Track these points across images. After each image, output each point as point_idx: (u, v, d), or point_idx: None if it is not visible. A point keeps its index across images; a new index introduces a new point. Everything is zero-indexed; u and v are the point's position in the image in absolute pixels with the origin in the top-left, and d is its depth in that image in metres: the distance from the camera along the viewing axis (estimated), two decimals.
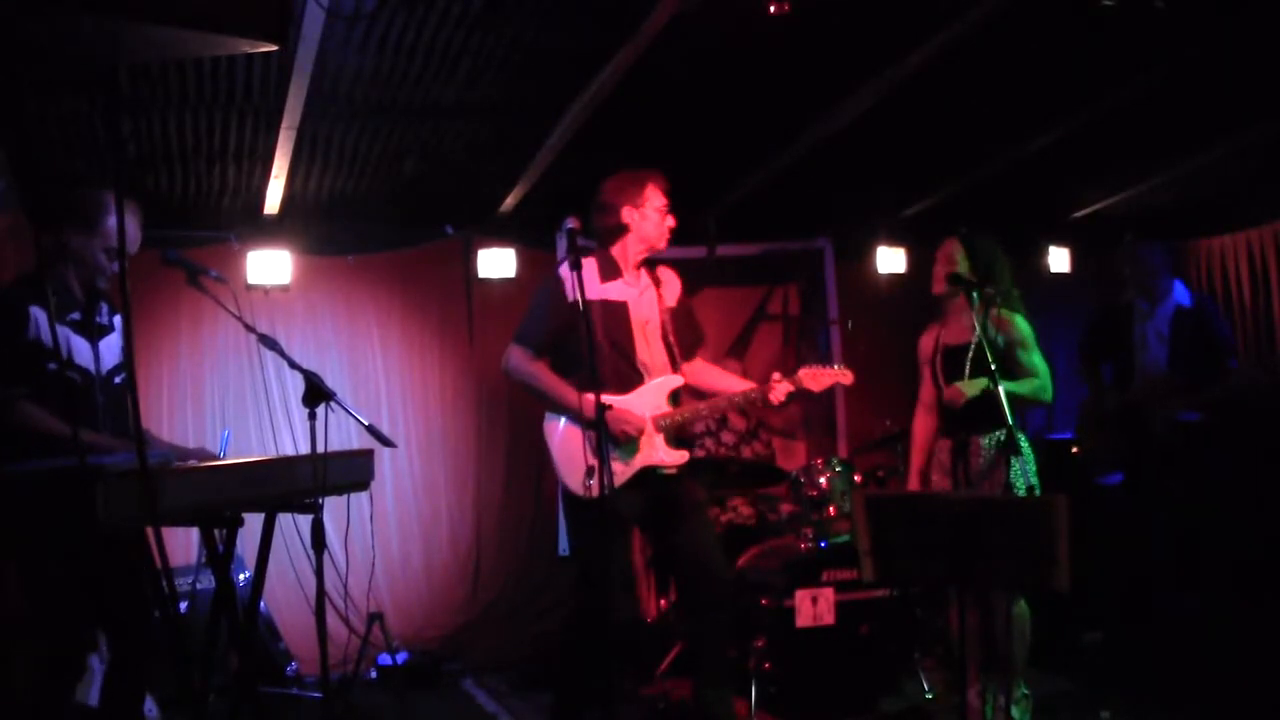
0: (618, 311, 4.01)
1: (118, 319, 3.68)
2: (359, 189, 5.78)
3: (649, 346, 4.05)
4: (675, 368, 4.10)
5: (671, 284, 4.21)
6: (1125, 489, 5.07)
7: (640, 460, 3.96)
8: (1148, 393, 4.95)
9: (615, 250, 4.07)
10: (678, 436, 4.08)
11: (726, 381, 4.23)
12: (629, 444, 3.93)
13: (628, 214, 4.02)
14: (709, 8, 3.97)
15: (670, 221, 4.08)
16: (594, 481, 3.84)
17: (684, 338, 4.15)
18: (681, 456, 4.04)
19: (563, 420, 4.00)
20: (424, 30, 4.03)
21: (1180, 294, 5.02)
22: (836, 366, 4.17)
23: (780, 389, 4.05)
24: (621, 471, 3.90)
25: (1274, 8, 4.21)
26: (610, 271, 4.05)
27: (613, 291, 4.02)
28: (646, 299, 4.11)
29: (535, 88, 4.68)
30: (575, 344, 3.92)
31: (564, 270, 4.02)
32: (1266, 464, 5.23)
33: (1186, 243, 7.19)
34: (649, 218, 4.04)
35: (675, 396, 4.08)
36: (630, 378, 3.99)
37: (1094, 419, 5.24)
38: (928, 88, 4.79)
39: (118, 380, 3.58)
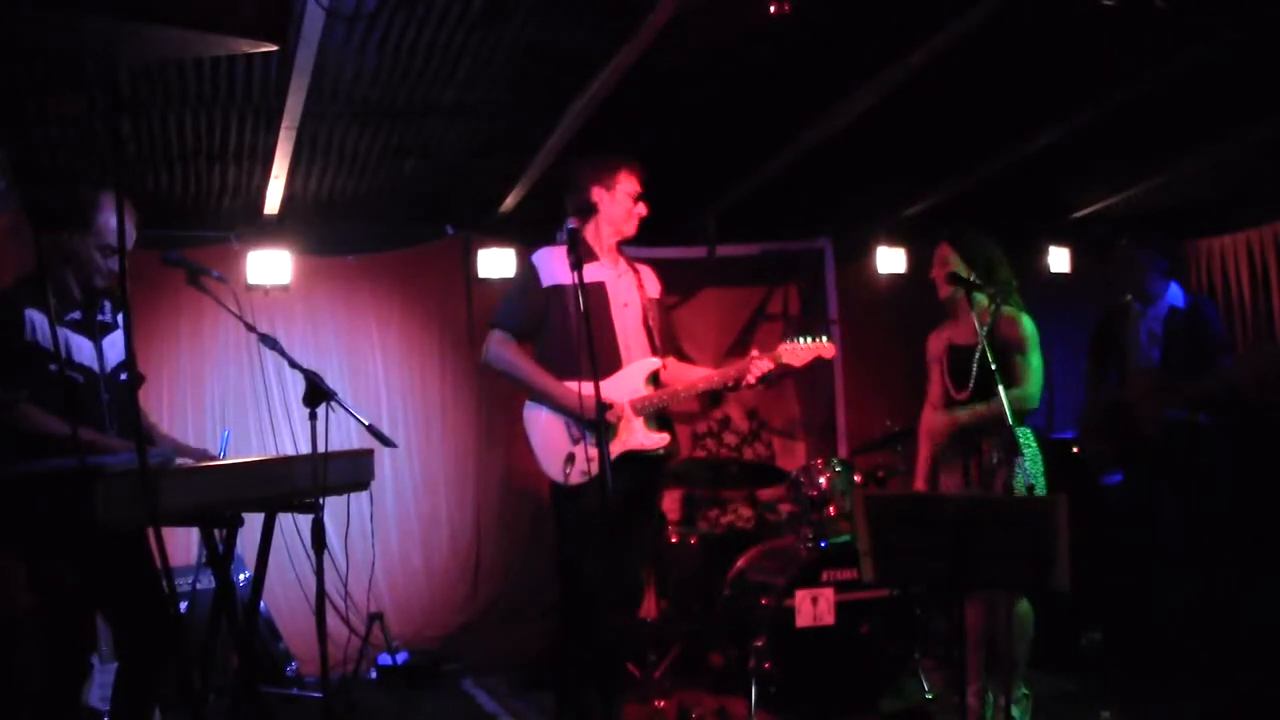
0: (596, 292, 3.91)
1: (121, 316, 3.67)
2: (359, 189, 5.78)
3: (627, 329, 4.01)
4: (654, 352, 4.05)
5: (652, 279, 4.18)
6: (1124, 488, 5.09)
7: (620, 445, 3.89)
8: (1137, 391, 4.98)
9: (588, 232, 4.04)
10: (659, 419, 4.03)
11: (701, 373, 4.18)
12: (607, 430, 3.85)
13: (597, 194, 4.00)
14: (709, 8, 3.97)
15: (641, 209, 4.04)
16: (573, 468, 3.83)
17: (663, 331, 4.10)
18: (663, 439, 3.99)
19: (545, 409, 3.96)
20: (424, 30, 4.03)
21: (1174, 295, 5.05)
22: (818, 340, 4.06)
23: (759, 365, 4.01)
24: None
25: (1274, 7, 4.21)
26: (586, 254, 3.96)
27: (589, 273, 3.89)
28: (625, 282, 4.06)
29: (535, 88, 4.67)
30: (550, 331, 3.93)
31: (537, 256, 4.02)
32: (1262, 459, 5.24)
33: (1186, 243, 7.19)
34: (618, 201, 4.01)
35: (654, 379, 4.04)
36: (609, 361, 3.92)
37: (1093, 419, 5.27)
38: (928, 87, 4.79)
39: (123, 378, 3.57)
